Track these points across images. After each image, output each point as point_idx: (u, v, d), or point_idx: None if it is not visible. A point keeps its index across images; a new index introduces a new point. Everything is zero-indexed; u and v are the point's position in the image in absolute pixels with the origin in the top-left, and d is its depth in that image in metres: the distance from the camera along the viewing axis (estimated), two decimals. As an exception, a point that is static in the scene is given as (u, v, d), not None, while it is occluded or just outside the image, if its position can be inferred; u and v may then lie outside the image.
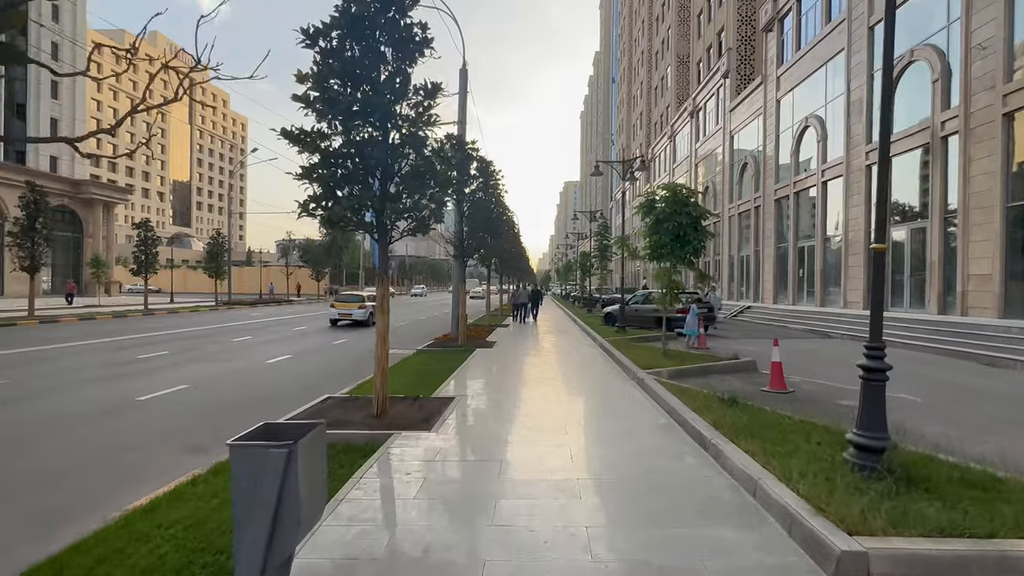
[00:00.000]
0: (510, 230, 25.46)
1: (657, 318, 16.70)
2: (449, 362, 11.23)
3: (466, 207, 14.23)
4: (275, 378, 10.32)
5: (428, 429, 5.90)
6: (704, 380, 8.62)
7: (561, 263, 64.34)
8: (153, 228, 32.32)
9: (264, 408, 7.54)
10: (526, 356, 12.30)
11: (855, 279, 18.68)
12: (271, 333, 19.44)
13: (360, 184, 6.50)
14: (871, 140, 18.05)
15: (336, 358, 13.47)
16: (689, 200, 9.82)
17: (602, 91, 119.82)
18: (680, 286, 10.18)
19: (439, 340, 15.55)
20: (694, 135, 38.65)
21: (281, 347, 15.44)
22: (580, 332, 18.18)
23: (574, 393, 8.11)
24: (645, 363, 9.57)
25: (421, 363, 11.31)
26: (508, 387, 8.49)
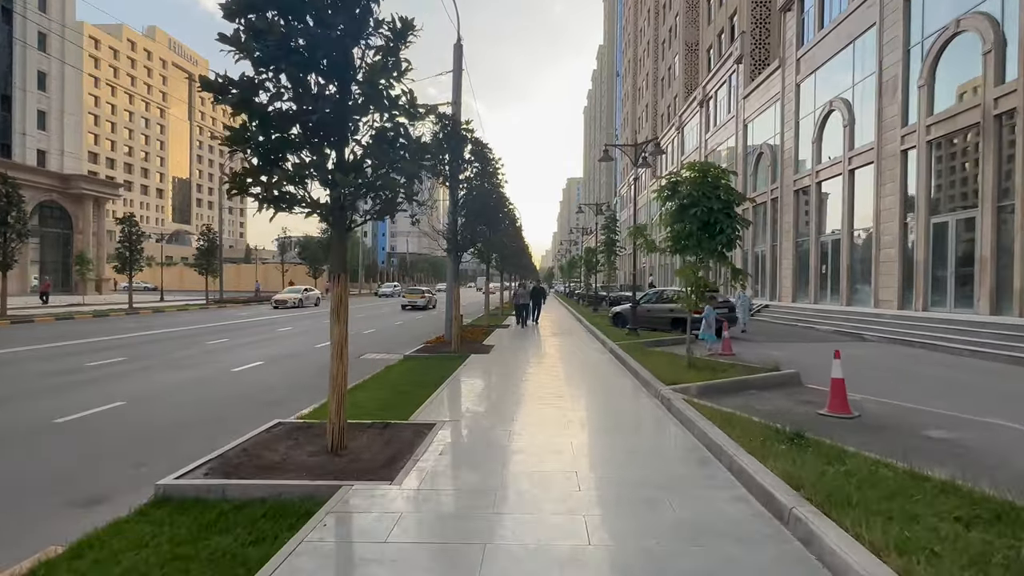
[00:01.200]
0: (511, 223, 23.92)
1: (673, 319, 15.13)
2: (437, 372, 9.71)
3: (460, 195, 12.69)
4: (232, 392, 8.82)
5: (391, 479, 4.37)
6: (742, 399, 7.07)
7: (564, 259, 62.76)
8: (138, 223, 30.90)
9: (197, 436, 6.06)
10: (526, 364, 10.77)
11: (888, 276, 17.06)
12: (252, 334, 17.96)
13: (308, 152, 4.97)
14: (907, 122, 16.41)
15: (313, 364, 11.97)
16: (721, 181, 8.26)
17: (606, 85, 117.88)
18: (708, 284, 8.60)
19: (431, 344, 14.05)
20: (703, 126, 36.97)
21: (256, 351, 13.96)
22: (586, 334, 16.62)
23: (584, 419, 6.56)
24: (667, 375, 8.02)
25: (405, 373, 9.79)
26: (502, 408, 6.94)
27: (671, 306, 15.34)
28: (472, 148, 12.76)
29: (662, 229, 9.25)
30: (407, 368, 10.48)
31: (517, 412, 6.67)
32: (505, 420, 6.24)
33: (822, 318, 18.27)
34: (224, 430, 6.13)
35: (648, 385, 7.82)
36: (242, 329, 19.75)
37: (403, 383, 8.84)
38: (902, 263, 16.47)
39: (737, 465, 4.21)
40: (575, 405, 7.08)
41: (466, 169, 12.94)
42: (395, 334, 18.58)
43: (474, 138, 12.81)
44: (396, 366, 10.81)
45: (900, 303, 16.39)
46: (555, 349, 13.10)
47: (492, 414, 6.60)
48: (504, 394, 7.82)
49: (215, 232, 37.90)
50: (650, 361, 9.56)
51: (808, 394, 7.49)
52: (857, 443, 4.90)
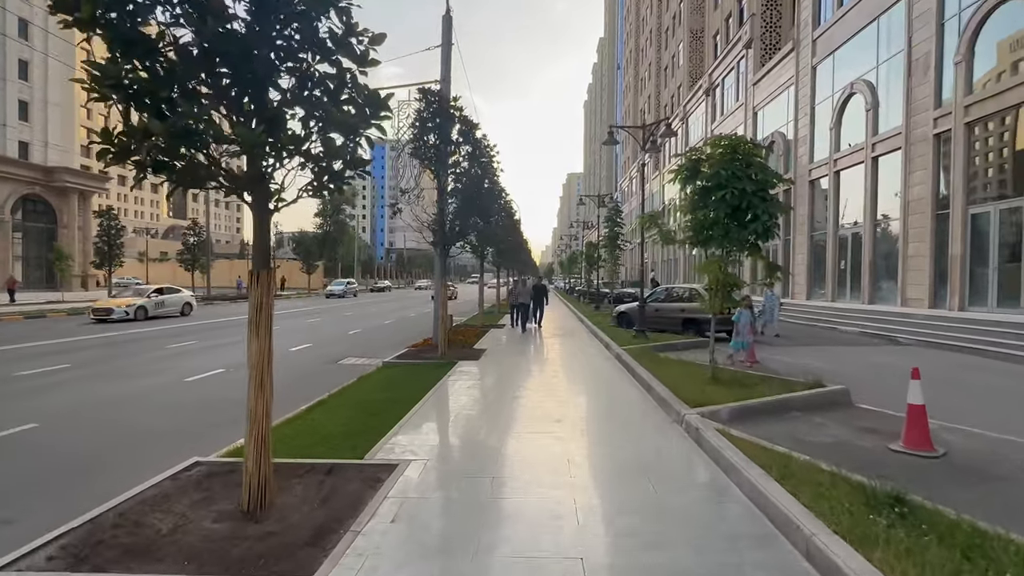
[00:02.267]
0: (508, 216, 22.49)
1: (684, 320, 13.72)
2: (416, 384, 8.33)
3: (448, 181, 11.27)
4: (175, 409, 7.46)
5: (311, 572, 2.98)
6: (787, 426, 5.68)
7: (564, 254, 61.35)
8: (117, 217, 29.48)
9: (106, 474, 4.73)
10: (521, 374, 9.37)
11: (917, 271, 15.65)
12: (224, 335, 16.56)
13: (214, 101, 3.57)
14: (941, 103, 14.96)
15: (281, 372, 10.56)
16: (754, 158, 6.85)
17: (607, 78, 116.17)
18: (737, 282, 7.19)
19: (417, 347, 12.67)
20: (710, 115, 35.47)
21: (222, 355, 12.58)
22: (589, 336, 15.22)
23: (590, 458, 5.16)
24: (688, 391, 6.64)
25: (379, 385, 8.41)
26: (488, 440, 5.55)
27: (682, 305, 13.92)
28: (461, 128, 11.34)
29: (679, 217, 7.82)
30: (383, 378, 9.11)
31: (505, 445, 5.28)
32: (489, 459, 4.85)
33: (843, 318, 16.88)
34: (142, 464, 4.81)
35: (666, 404, 6.42)
36: (218, 329, 18.35)
37: (374, 399, 7.47)
38: (934, 258, 15.05)
39: (825, 560, 2.81)
40: (578, 435, 5.67)
41: (455, 152, 11.53)
42: (382, 335, 17.19)
43: (463, 116, 11.40)
44: (372, 375, 9.44)
45: (931, 302, 14.98)
46: (554, 354, 11.70)
47: (473, 448, 5.21)
48: (492, 417, 6.42)
49: (202, 226, 36.46)
50: (664, 371, 8.17)
51: (865, 418, 6.09)
52: (966, 502, 3.52)
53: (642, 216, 7.99)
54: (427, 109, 11.00)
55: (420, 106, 11.06)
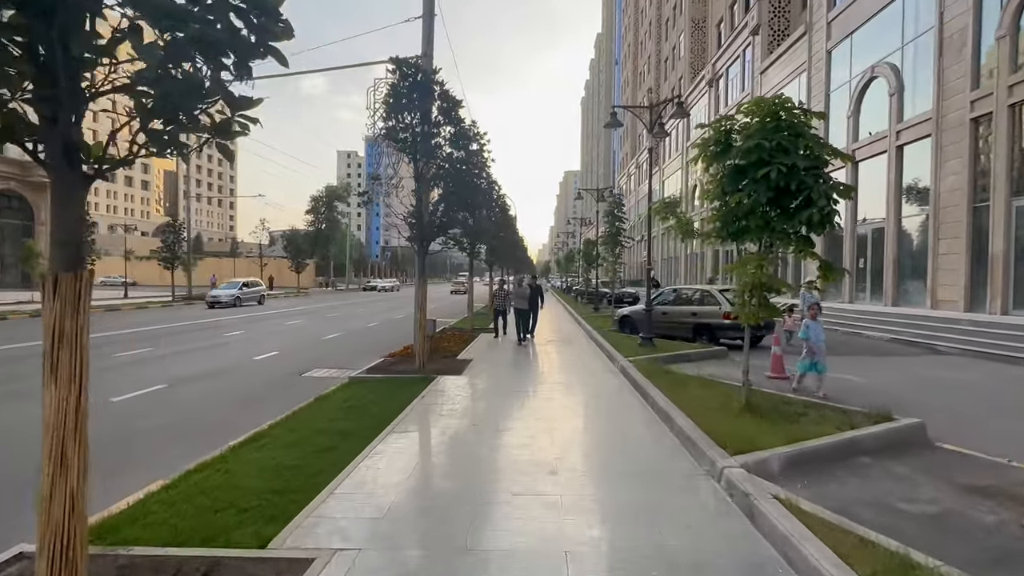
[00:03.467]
0: (502, 212, 20.95)
1: (696, 326, 12.21)
2: (380, 409, 6.82)
3: (430, 167, 9.72)
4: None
5: None
6: (863, 482, 4.19)
7: (561, 252, 59.88)
8: (88, 213, 27.79)
9: None
10: (509, 397, 7.82)
11: (950, 271, 14.19)
12: (186, 340, 15.00)
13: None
14: (979, 84, 13.49)
15: (237, 388, 9.11)
16: (804, 128, 5.34)
17: (604, 73, 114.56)
18: (778, 285, 5.63)
19: (394, 356, 11.17)
20: (713, 107, 33.99)
21: (172, 366, 11.08)
22: (588, 343, 13.70)
23: (599, 544, 3.63)
24: (721, 426, 5.14)
25: (334, 411, 6.89)
26: (454, 514, 4.00)
27: (693, 308, 12.40)
28: (442, 105, 9.79)
29: (703, 205, 6.27)
30: (345, 399, 7.59)
31: (482, 520, 3.74)
32: (452, 551, 3.32)
33: (865, 322, 15.41)
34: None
35: (694, 447, 4.91)
36: (179, 334, 16.78)
37: (323, 431, 5.97)
38: (970, 256, 13.59)
39: None
40: (579, 500, 4.13)
41: (436, 134, 9.97)
42: (361, 340, 15.66)
43: (444, 92, 9.85)
44: (333, 395, 7.92)
45: (968, 304, 13.52)
46: (549, 367, 10.15)
47: (433, 527, 3.68)
48: (466, 466, 4.89)
49: (181, 223, 34.78)
50: (684, 394, 6.66)
51: (959, 467, 4.59)
52: None
53: (656, 204, 6.46)
54: (402, 83, 9.47)
55: (394, 80, 9.53)
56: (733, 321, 11.30)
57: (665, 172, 47.68)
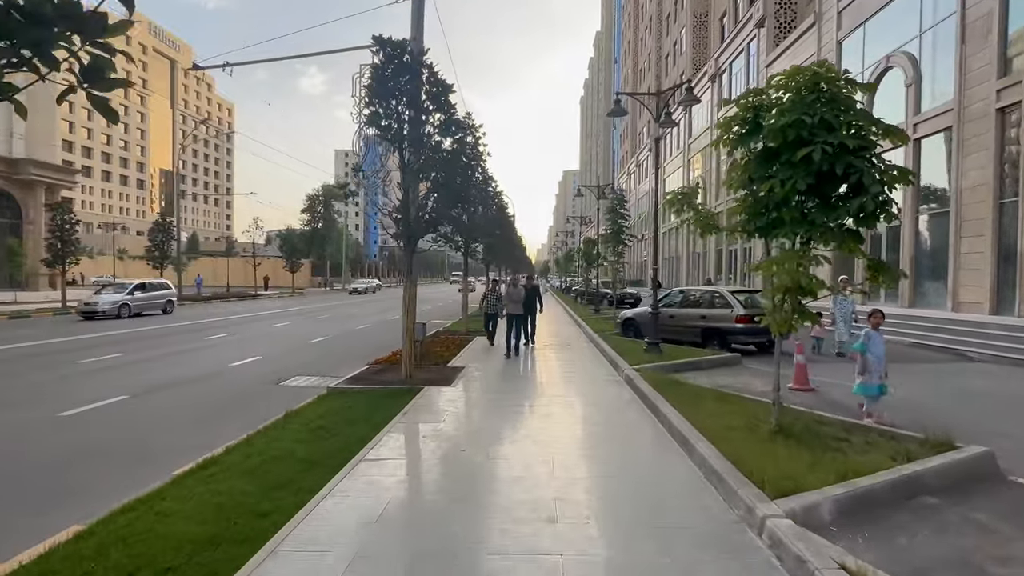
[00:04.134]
0: (499, 209, 20.11)
1: (705, 330, 11.36)
2: (355, 429, 6.01)
3: (416, 156, 8.86)
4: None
5: None
6: (938, 536, 3.35)
7: (561, 252, 59.05)
8: (72, 211, 26.89)
9: None
10: (502, 414, 6.95)
11: (974, 271, 13.36)
12: (165, 346, 14.13)
13: None
14: (1007, 71, 12.66)
15: (202, 399, 8.24)
16: (851, 102, 4.50)
17: (604, 72, 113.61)
18: (817, 287, 4.75)
19: (380, 363, 10.34)
20: (716, 102, 33.15)
21: (143, 373, 10.24)
22: (589, 347, 12.85)
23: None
24: (754, 457, 4.31)
25: (303, 430, 6.06)
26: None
27: (703, 311, 11.55)
28: (430, 90, 8.93)
29: (727, 193, 5.42)
30: (318, 415, 6.76)
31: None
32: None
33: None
34: None
35: (721, 482, 4.06)
36: (162, 338, 15.90)
37: (287, 456, 5.18)
38: (997, 254, 12.77)
39: None
40: (587, 567, 3.28)
41: (425, 121, 9.12)
42: (349, 343, 14.82)
43: (432, 75, 8.99)
44: (306, 409, 7.09)
45: (994, 307, 12.71)
46: (548, 378, 9.26)
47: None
48: (448, 513, 4.02)
49: (170, 221, 33.89)
50: (702, 412, 5.81)
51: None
52: None
53: (671, 194, 5.60)
54: (386, 65, 8.63)
55: (377, 60, 8.68)
56: (747, 325, 10.47)
57: (666, 170, 46.82)
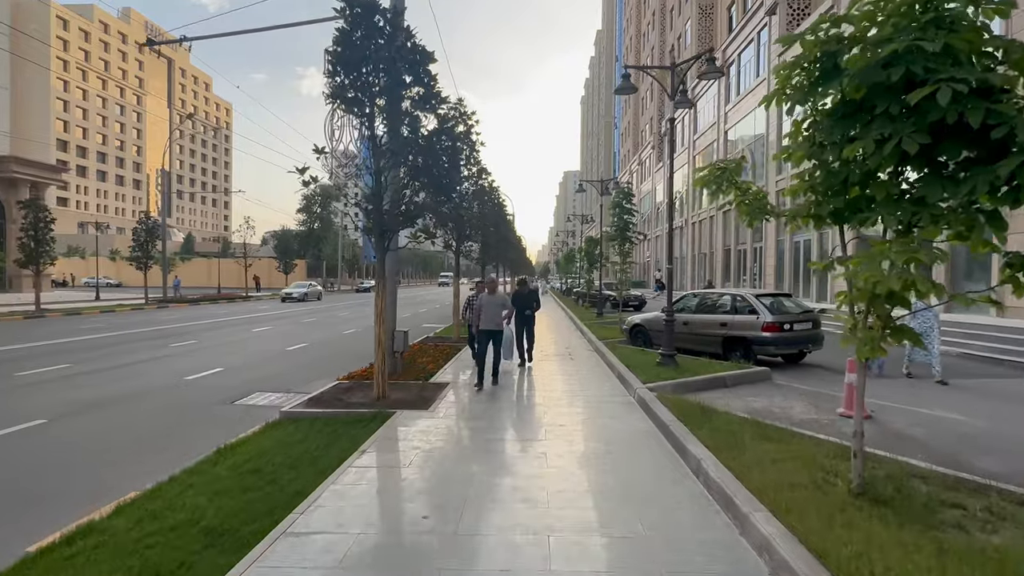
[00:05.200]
0: (495, 205, 18.71)
1: (727, 339, 9.93)
2: (295, 476, 4.62)
3: (392, 135, 7.46)
4: None
5: None
6: None
7: (561, 252, 57.66)
8: (46, 208, 25.52)
9: None
10: (485, 457, 5.52)
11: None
12: (122, 355, 12.73)
13: None
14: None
15: (136, 422, 6.85)
16: (976, 27, 3.11)
17: (605, 70, 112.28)
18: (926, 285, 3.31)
19: (352, 378, 8.98)
20: (723, 96, 31.80)
21: (81, 388, 8.86)
22: (594, 360, 11.43)
23: None
24: (845, 544, 2.92)
25: (231, 477, 4.71)
26: None
27: (723, 318, 10.11)
28: (406, 56, 7.51)
29: (779, 170, 4.01)
30: (258, 451, 5.39)
31: None
32: None
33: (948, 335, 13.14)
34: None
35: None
36: (120, 344, 14.50)
37: (193, 520, 3.81)
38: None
39: None
40: None
41: (404, 96, 7.70)
42: (328, 352, 13.43)
43: (412, 43, 7.58)
44: (245, 444, 5.72)
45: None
46: (545, 399, 7.77)
47: None
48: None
49: (154, 220, 32.52)
50: (749, 461, 4.38)
51: None
52: None
53: (709, 169, 4.19)
54: (355, 28, 7.24)
55: (344, 24, 7.29)
56: (776, 334, 9.07)
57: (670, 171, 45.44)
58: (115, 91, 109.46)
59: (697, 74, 9.09)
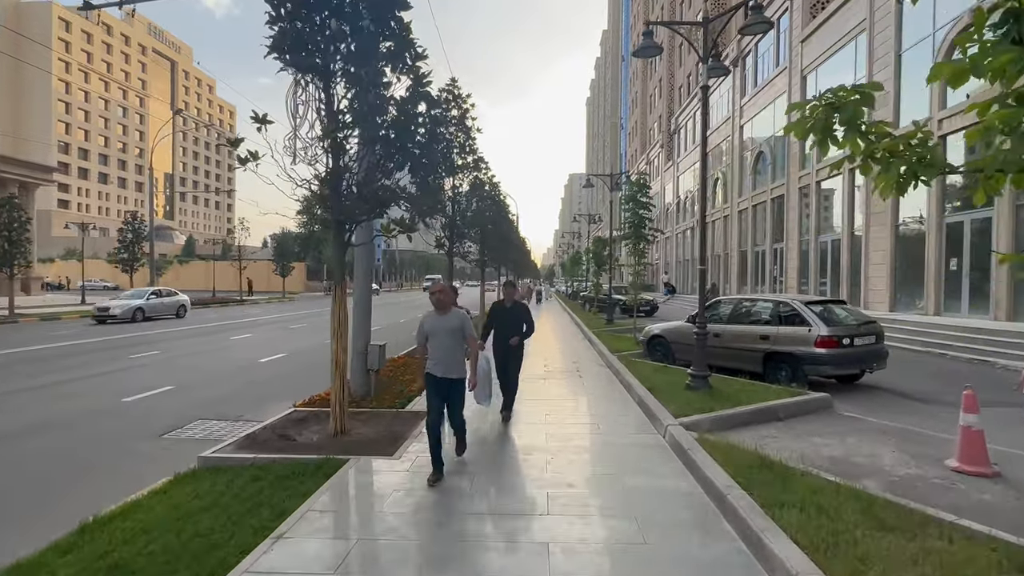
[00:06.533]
0: (494, 200, 17.05)
1: (769, 355, 8.19)
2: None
3: (347, 94, 5.80)
4: None
5: None
6: None
7: (567, 255, 55.98)
8: (21, 208, 24.12)
9: None
10: (461, 545, 3.89)
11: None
12: (64, 370, 11.13)
13: None
14: None
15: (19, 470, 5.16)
16: None
17: (610, 71, 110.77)
18: None
19: (313, 403, 7.37)
20: (738, 89, 30.07)
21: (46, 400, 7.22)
22: (607, 378, 9.73)
23: None
24: None
25: (83, 573, 2.99)
26: None
27: (764, 330, 8.34)
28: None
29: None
30: (141, 528, 3.86)
31: None
32: None
33: (964, 341, 11.39)
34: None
35: None
36: (72, 356, 12.93)
37: None
38: None
39: None
40: None
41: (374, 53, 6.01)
42: (304, 365, 11.81)
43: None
44: (123, 516, 4.14)
45: None
46: (548, 442, 5.93)
47: None
48: None
49: (140, 220, 31.09)
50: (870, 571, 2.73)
51: None
52: None
53: (811, 106, 2.47)
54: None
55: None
56: (833, 350, 7.36)
57: (680, 167, 43.65)
58: (117, 93, 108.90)
59: (739, 29, 7.43)
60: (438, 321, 4.85)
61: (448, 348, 4.77)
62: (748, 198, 27.93)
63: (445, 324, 4.82)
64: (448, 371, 4.74)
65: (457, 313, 4.93)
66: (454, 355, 4.79)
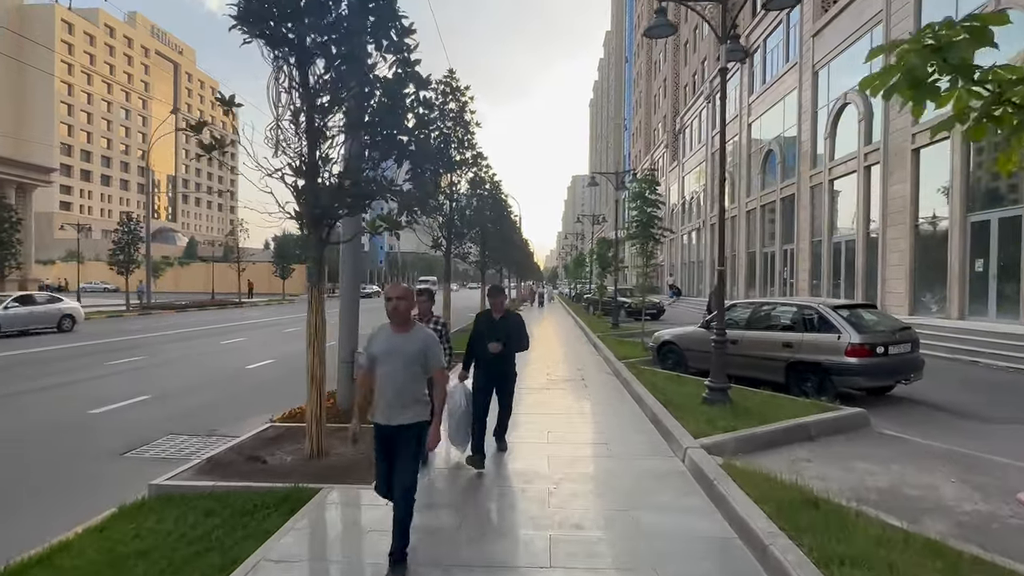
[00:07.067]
0: (494, 199, 16.39)
1: (792, 364, 7.48)
2: None
3: (325, 71, 5.14)
4: None
5: None
6: None
7: (570, 256, 55.24)
8: (12, 208, 23.63)
9: None
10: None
11: None
12: (34, 377, 10.51)
13: None
14: None
15: None
16: None
17: (614, 71, 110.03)
18: None
19: (292, 416, 6.70)
20: (746, 85, 29.37)
21: None
22: (614, 388, 9.04)
23: None
24: None
25: None
26: None
27: (787, 336, 7.62)
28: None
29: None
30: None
31: None
32: None
33: (991, 347, 10.65)
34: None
35: None
36: (54, 360, 12.32)
37: None
38: None
39: None
40: None
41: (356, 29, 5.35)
42: (293, 371, 11.13)
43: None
44: (54, 557, 3.38)
45: None
46: (549, 463, 5.20)
47: None
48: None
49: (136, 220, 30.55)
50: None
51: None
52: None
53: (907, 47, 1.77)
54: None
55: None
56: (866, 360, 6.66)
57: (685, 167, 42.91)
58: (120, 95, 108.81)
59: (763, 4, 6.79)
60: (393, 341, 3.29)
61: (401, 383, 3.23)
62: (756, 198, 27.20)
63: (402, 346, 3.25)
64: (396, 416, 3.24)
65: (420, 332, 3.34)
66: (410, 391, 3.26)
